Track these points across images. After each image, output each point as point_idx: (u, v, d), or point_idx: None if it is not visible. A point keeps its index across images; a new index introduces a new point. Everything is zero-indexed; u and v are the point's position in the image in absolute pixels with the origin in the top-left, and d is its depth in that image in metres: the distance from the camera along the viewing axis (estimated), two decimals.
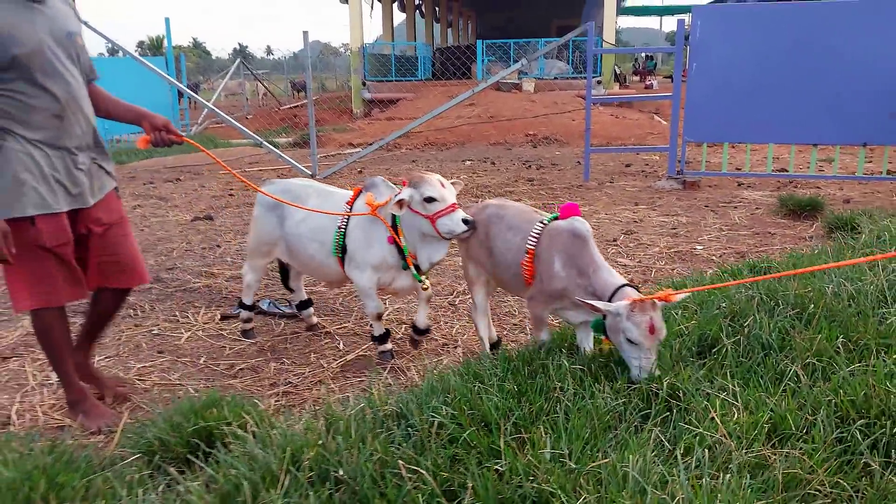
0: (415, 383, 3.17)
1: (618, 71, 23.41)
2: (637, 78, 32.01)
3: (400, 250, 3.32)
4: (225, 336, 4.02)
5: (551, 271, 2.81)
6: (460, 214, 3.11)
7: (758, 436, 2.11)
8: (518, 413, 2.29)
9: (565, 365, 2.59)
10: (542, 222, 2.96)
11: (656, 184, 8.64)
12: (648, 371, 2.49)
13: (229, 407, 2.50)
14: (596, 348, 2.88)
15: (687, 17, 8.88)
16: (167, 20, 16.92)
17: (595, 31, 8.75)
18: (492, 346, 3.45)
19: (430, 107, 15.29)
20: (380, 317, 3.57)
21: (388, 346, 3.63)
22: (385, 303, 4.19)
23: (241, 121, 14.50)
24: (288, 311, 4.32)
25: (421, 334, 3.60)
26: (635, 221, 6.67)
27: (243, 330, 4.02)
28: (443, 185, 3.15)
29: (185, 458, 2.36)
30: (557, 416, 2.26)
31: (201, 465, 2.16)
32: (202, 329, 4.11)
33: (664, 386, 2.41)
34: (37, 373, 3.50)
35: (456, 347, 3.79)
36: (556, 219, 2.94)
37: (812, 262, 4.07)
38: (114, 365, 3.61)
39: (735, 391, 2.36)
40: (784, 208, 6.78)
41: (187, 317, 4.32)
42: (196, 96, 11.40)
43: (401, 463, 1.98)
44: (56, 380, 3.39)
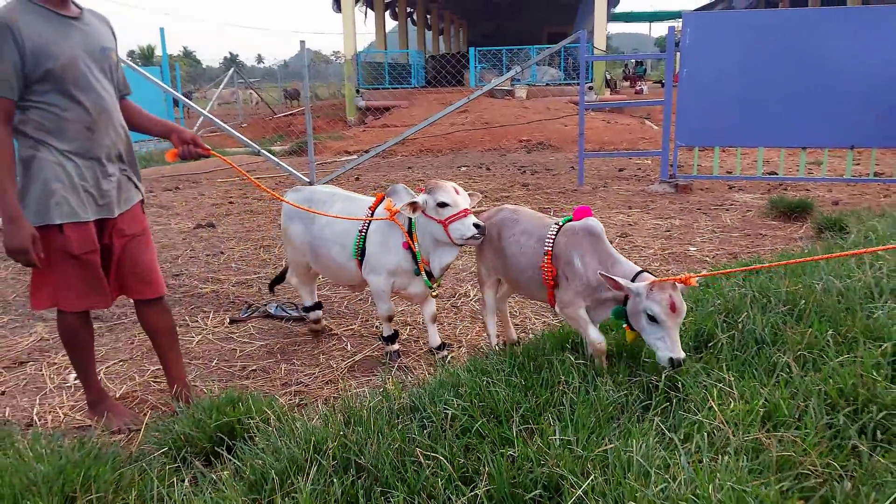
0: (424, 380, 3.29)
1: (608, 77, 23.63)
2: (627, 83, 32.26)
3: (414, 256, 3.43)
4: (234, 339, 4.12)
5: (573, 269, 2.91)
6: (472, 220, 3.21)
7: (753, 422, 2.23)
8: (525, 405, 2.41)
9: (569, 359, 2.71)
10: (558, 224, 3.07)
11: (649, 187, 8.79)
12: (675, 351, 2.52)
13: (249, 404, 2.61)
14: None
15: (677, 24, 9.06)
16: (162, 30, 17.09)
17: (586, 38, 8.93)
18: (512, 346, 3.53)
19: (424, 114, 15.43)
20: (390, 318, 3.71)
21: (396, 346, 3.76)
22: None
23: (235, 129, 14.57)
24: (295, 314, 4.44)
25: (440, 350, 3.71)
26: (630, 224, 6.81)
27: (313, 330, 4.16)
28: (457, 192, 3.27)
29: (208, 452, 2.48)
30: (563, 407, 2.38)
31: (229, 457, 2.27)
32: (212, 333, 4.22)
33: (663, 378, 2.54)
34: (54, 376, 3.60)
35: (460, 347, 3.91)
36: (570, 220, 3.05)
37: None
38: (129, 368, 3.71)
39: (731, 382, 2.49)
40: (774, 210, 6.94)
41: (196, 321, 4.42)
42: (193, 105, 11.46)
43: (418, 451, 2.10)
44: (73, 382, 3.50)
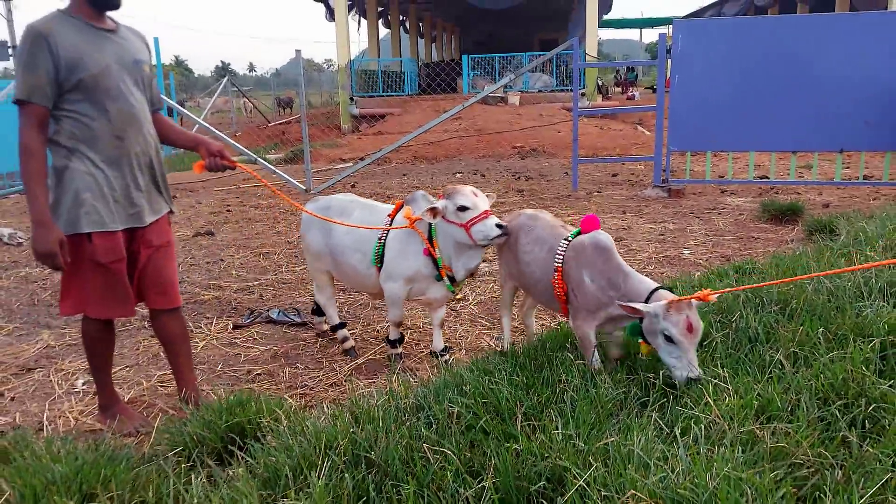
0: (428, 380, 3.36)
1: (600, 83, 23.82)
2: (619, 89, 32.51)
3: (435, 262, 3.47)
4: (238, 344, 4.19)
5: (583, 287, 2.86)
6: (493, 220, 3.24)
7: (748, 416, 2.31)
8: (527, 403, 2.49)
9: (569, 358, 2.79)
10: (567, 239, 3.02)
11: (643, 192, 8.90)
12: (692, 371, 2.51)
13: (259, 404, 2.68)
14: (639, 355, 2.86)
15: (668, 30, 9.19)
16: (156, 40, 17.15)
17: (578, 45, 9.06)
18: (513, 346, 3.58)
19: (418, 121, 15.52)
20: (399, 324, 3.79)
21: (399, 349, 3.84)
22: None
23: (229, 138, 14.64)
24: (298, 319, 4.51)
25: (443, 353, 3.78)
26: (624, 229, 6.91)
27: (343, 350, 4.00)
28: (475, 195, 3.30)
29: (220, 452, 2.54)
30: (564, 404, 2.47)
31: (241, 454, 2.34)
32: (216, 338, 4.28)
33: (661, 376, 2.62)
34: (62, 382, 3.66)
35: (460, 350, 3.99)
36: (579, 234, 3.01)
37: (794, 262, 4.29)
38: (135, 374, 3.78)
39: (726, 378, 2.58)
40: (766, 213, 7.05)
41: (200, 327, 4.48)
42: (189, 114, 11.57)
43: (426, 446, 2.18)
44: (82, 388, 3.57)
